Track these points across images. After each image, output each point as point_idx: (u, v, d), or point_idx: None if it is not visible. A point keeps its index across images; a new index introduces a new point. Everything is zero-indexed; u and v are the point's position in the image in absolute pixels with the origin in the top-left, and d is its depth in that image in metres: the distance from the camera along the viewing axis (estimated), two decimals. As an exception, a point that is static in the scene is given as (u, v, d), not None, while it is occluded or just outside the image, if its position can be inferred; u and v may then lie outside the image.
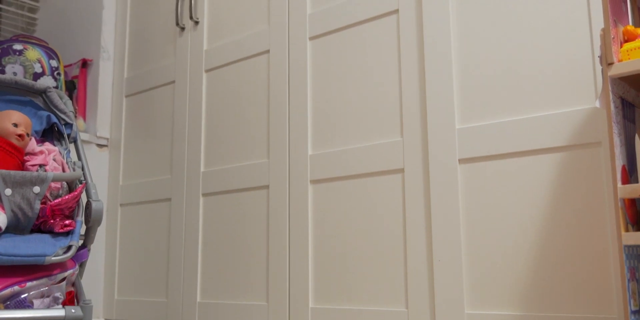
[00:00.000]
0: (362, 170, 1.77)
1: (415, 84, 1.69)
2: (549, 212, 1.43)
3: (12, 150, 1.59)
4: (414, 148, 1.67)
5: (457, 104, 1.62)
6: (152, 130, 2.42)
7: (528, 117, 1.49)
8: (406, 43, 1.73)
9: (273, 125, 1.99)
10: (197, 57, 2.29)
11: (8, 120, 1.64)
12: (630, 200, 1.14)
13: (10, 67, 2.30)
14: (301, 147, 1.91)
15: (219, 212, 2.12)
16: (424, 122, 1.66)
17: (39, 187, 1.49)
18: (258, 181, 2.01)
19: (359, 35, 1.84)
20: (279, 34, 2.03)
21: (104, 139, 2.56)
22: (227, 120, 2.15)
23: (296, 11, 2.00)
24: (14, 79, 1.78)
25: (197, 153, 2.22)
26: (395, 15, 1.77)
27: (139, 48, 2.55)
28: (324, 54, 1.92)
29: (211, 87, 2.23)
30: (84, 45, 2.65)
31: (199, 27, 2.30)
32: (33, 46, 2.39)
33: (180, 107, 2.31)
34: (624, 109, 1.19)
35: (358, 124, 1.81)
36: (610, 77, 1.14)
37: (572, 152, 1.42)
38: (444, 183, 1.59)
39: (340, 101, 1.86)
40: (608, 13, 1.14)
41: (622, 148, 1.15)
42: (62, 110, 1.79)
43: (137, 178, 2.45)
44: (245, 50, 2.13)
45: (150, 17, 2.52)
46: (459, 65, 1.63)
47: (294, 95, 1.96)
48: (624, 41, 1.19)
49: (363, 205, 1.75)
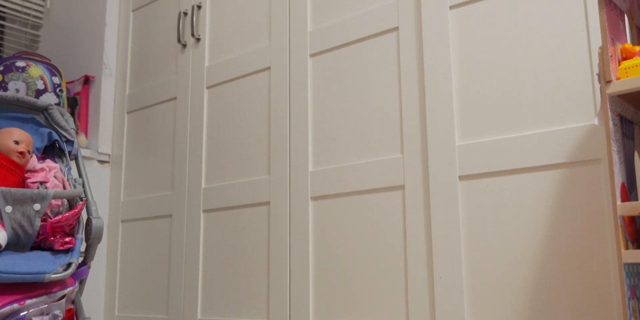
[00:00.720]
0: (362, 187, 1.77)
1: (415, 101, 1.70)
2: (549, 229, 1.43)
3: (13, 167, 1.59)
4: (414, 165, 1.67)
5: (457, 120, 1.62)
6: (153, 147, 2.42)
7: (528, 134, 1.49)
8: (406, 60, 1.74)
9: (274, 141, 2.00)
10: (198, 73, 2.30)
11: (9, 138, 1.64)
12: (630, 218, 1.13)
13: (13, 83, 2.32)
14: (302, 163, 1.91)
15: (219, 229, 2.12)
16: (424, 138, 1.67)
17: (39, 204, 1.49)
18: (259, 197, 2.01)
19: (360, 53, 1.85)
20: (280, 51, 2.04)
21: (106, 155, 2.56)
22: (228, 136, 2.16)
23: (297, 29, 2.01)
24: (16, 97, 1.79)
25: (198, 169, 2.22)
26: (395, 33, 1.78)
27: (141, 64, 2.56)
28: (324, 71, 1.93)
29: (212, 104, 2.24)
30: (86, 62, 2.67)
31: (200, 44, 2.32)
32: (36, 63, 2.41)
33: (181, 124, 2.32)
34: (622, 126, 1.19)
35: (358, 141, 1.81)
36: (609, 94, 1.14)
37: (572, 168, 1.42)
38: (444, 200, 1.59)
39: (340, 118, 1.86)
40: (606, 31, 1.15)
41: (621, 165, 1.15)
42: (63, 127, 1.80)
43: (138, 194, 2.45)
44: (247, 67, 2.14)
45: (152, 34, 2.54)
46: (458, 81, 1.63)
47: (295, 112, 1.96)
48: (622, 59, 1.19)
49: (364, 221, 1.75)
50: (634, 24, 1.31)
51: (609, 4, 1.19)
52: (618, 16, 1.22)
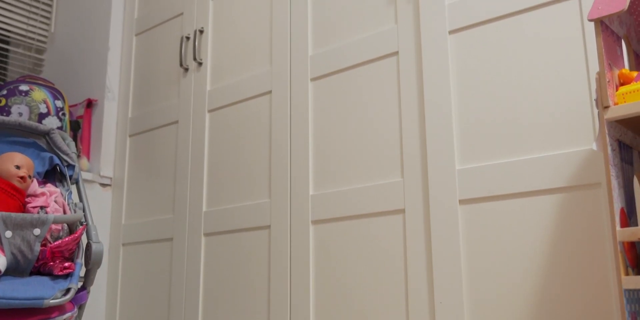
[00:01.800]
0: (363, 211, 1.77)
1: (416, 125, 1.70)
2: (549, 254, 1.42)
3: (14, 192, 1.60)
4: (414, 189, 1.67)
5: (457, 144, 1.62)
6: (155, 170, 2.43)
7: (528, 158, 1.49)
8: (406, 84, 1.75)
9: (275, 165, 2.00)
10: (200, 97, 2.31)
11: (11, 162, 1.65)
12: (629, 244, 1.13)
13: (16, 107, 2.34)
14: (302, 187, 1.91)
15: (220, 252, 2.11)
16: (424, 162, 1.67)
17: (39, 229, 1.49)
18: (259, 221, 2.01)
19: (360, 77, 1.86)
20: (281, 75, 2.05)
21: (108, 178, 2.57)
22: (229, 160, 2.16)
23: (298, 53, 2.02)
24: (18, 121, 1.80)
25: (199, 193, 2.22)
26: (395, 57, 1.80)
27: (143, 88, 2.58)
28: (325, 95, 1.94)
29: (214, 127, 2.25)
30: (89, 86, 2.69)
31: (202, 68, 2.33)
32: (39, 87, 2.43)
33: (183, 147, 2.32)
34: (621, 151, 1.19)
35: (359, 165, 1.81)
36: (607, 120, 1.14)
37: (572, 193, 1.42)
38: (445, 224, 1.59)
39: (341, 142, 1.87)
40: (603, 57, 1.16)
41: (620, 190, 1.15)
42: (64, 151, 1.81)
43: (139, 217, 2.45)
44: (248, 91, 2.15)
45: (154, 58, 2.56)
46: (458, 105, 1.64)
47: (296, 136, 1.97)
48: (620, 84, 1.20)
49: (364, 245, 1.75)
50: (631, 49, 1.31)
51: (606, 30, 1.20)
52: (615, 42, 1.23)
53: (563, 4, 1.52)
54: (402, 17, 1.79)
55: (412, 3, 1.78)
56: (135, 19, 2.69)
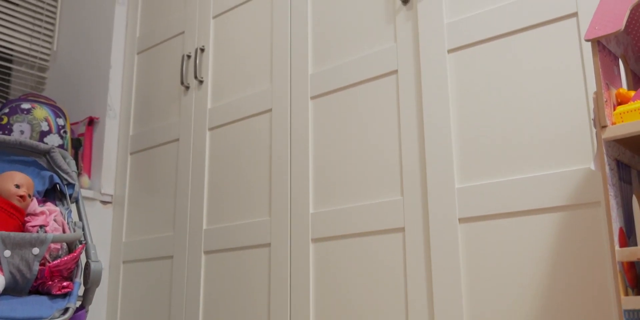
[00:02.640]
0: (363, 229, 1.76)
1: (415, 143, 1.71)
2: (549, 273, 1.42)
3: (13, 211, 1.60)
4: (414, 207, 1.67)
5: (456, 163, 1.62)
6: (155, 188, 2.43)
7: (527, 177, 1.49)
8: (405, 103, 1.75)
9: (275, 183, 2.00)
10: (201, 115, 2.32)
11: (11, 181, 1.66)
12: (629, 264, 1.13)
13: (18, 125, 2.35)
14: (302, 205, 1.91)
15: (220, 270, 2.11)
16: (424, 181, 1.67)
17: (38, 248, 1.50)
18: (259, 239, 2.01)
19: (360, 95, 1.87)
20: (281, 93, 2.06)
21: (108, 196, 2.57)
22: (230, 178, 2.17)
23: (298, 71, 2.03)
24: (19, 140, 1.81)
25: (199, 210, 2.22)
26: (395, 76, 1.80)
27: (144, 106, 2.59)
28: (325, 113, 1.94)
29: (214, 145, 2.25)
30: (91, 104, 2.70)
31: (203, 86, 2.34)
32: (41, 105, 2.44)
33: (183, 165, 2.33)
34: (619, 170, 1.19)
35: (359, 183, 1.81)
36: (604, 139, 1.15)
37: (571, 211, 1.42)
38: (445, 242, 1.59)
39: (341, 160, 1.87)
40: (600, 76, 1.16)
41: (618, 210, 1.14)
42: (64, 170, 1.81)
43: (140, 235, 2.45)
44: (248, 109, 2.16)
45: (156, 76, 2.57)
46: (457, 124, 1.64)
47: (296, 154, 1.97)
48: (617, 104, 1.20)
49: (364, 264, 1.74)
50: (628, 69, 1.32)
51: (603, 50, 1.20)
52: (612, 61, 1.23)
53: (561, 24, 1.53)
54: (402, 36, 1.80)
55: (411, 22, 1.79)
56: (137, 37, 2.71)
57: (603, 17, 1.19)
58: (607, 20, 1.18)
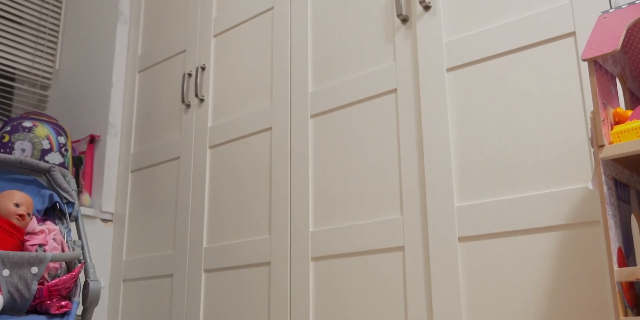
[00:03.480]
0: (363, 248, 1.76)
1: (414, 161, 1.71)
2: (548, 292, 1.41)
3: (13, 230, 1.60)
4: (413, 226, 1.67)
5: (456, 181, 1.62)
6: (156, 206, 2.43)
7: (527, 196, 1.49)
8: (405, 121, 1.76)
9: (275, 201, 2.00)
10: (201, 133, 2.33)
11: (10, 200, 1.66)
12: (628, 284, 1.12)
13: (19, 143, 2.36)
14: (302, 223, 1.91)
15: (220, 289, 2.10)
16: (423, 199, 1.67)
17: (36, 267, 1.49)
18: (259, 258, 2.00)
19: (359, 114, 1.88)
20: (281, 112, 2.07)
21: (109, 214, 2.57)
22: (230, 196, 2.17)
23: (298, 90, 2.04)
24: (19, 159, 1.81)
25: (199, 229, 2.22)
26: (394, 94, 1.81)
27: (145, 124, 2.60)
28: (324, 131, 1.95)
29: (215, 163, 2.26)
30: (92, 122, 2.71)
31: (204, 104, 2.35)
32: (42, 123, 2.45)
33: (184, 183, 2.33)
34: (617, 190, 1.19)
35: (359, 201, 1.81)
36: (602, 159, 1.15)
37: (570, 231, 1.41)
38: (444, 261, 1.58)
39: (341, 178, 1.87)
40: (597, 96, 1.16)
41: (617, 229, 1.14)
42: (64, 189, 1.82)
43: (140, 253, 2.44)
44: (248, 127, 2.16)
45: (157, 94, 2.58)
46: (456, 143, 1.65)
47: (296, 172, 1.97)
48: (615, 123, 1.20)
49: (364, 282, 1.74)
50: (626, 88, 1.32)
51: (600, 70, 1.21)
52: (609, 81, 1.24)
53: (559, 43, 1.53)
54: (401, 55, 1.81)
55: (410, 41, 1.80)
56: (138, 56, 2.72)
57: (599, 37, 1.20)
58: (603, 40, 1.19)
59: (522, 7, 1.61)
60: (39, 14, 2.95)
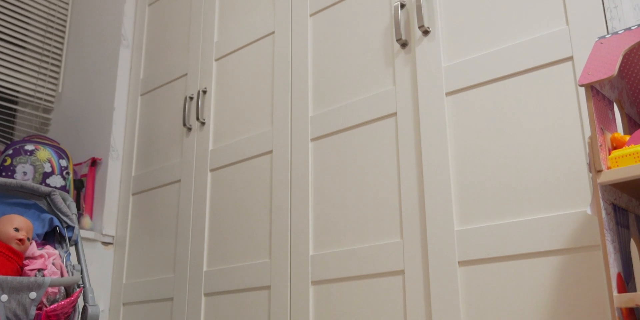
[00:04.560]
0: (363, 272, 1.75)
1: (414, 185, 1.71)
2: (549, 316, 1.40)
3: (12, 255, 1.60)
4: (413, 250, 1.66)
5: (455, 205, 1.62)
6: (157, 229, 2.43)
7: (526, 220, 1.49)
8: (404, 145, 1.76)
9: (275, 225, 2.00)
10: (202, 156, 2.33)
11: (10, 225, 1.66)
12: (628, 310, 1.11)
13: (21, 167, 2.36)
14: (302, 247, 1.91)
15: (220, 313, 2.09)
16: (423, 223, 1.67)
17: (35, 292, 1.49)
18: (259, 281, 1.99)
19: (359, 137, 1.88)
20: (282, 135, 2.07)
21: (110, 237, 2.57)
22: (230, 219, 2.17)
23: (298, 114, 2.05)
24: (20, 183, 1.82)
25: (200, 252, 2.22)
26: (394, 118, 1.82)
27: (147, 147, 2.60)
28: (325, 155, 1.95)
29: (215, 186, 2.26)
30: (94, 144, 2.72)
31: (205, 127, 2.36)
32: (44, 146, 2.46)
33: (185, 206, 2.33)
34: (616, 215, 1.19)
35: (359, 225, 1.81)
36: (600, 184, 1.15)
37: (570, 255, 1.41)
38: (444, 285, 1.57)
39: (341, 202, 1.87)
40: (594, 121, 1.17)
41: (616, 255, 1.14)
42: (64, 213, 1.82)
43: (140, 277, 2.44)
44: (249, 150, 2.17)
45: (159, 117, 2.60)
46: (456, 166, 1.65)
47: (296, 196, 1.97)
48: (613, 148, 1.20)
49: (364, 306, 1.73)
50: (624, 113, 1.33)
51: (597, 95, 1.21)
52: (607, 106, 1.24)
53: (557, 67, 1.54)
54: (400, 79, 1.82)
55: (409, 65, 1.81)
56: (140, 79, 2.74)
57: (596, 62, 1.21)
58: (600, 66, 1.19)
59: (520, 32, 1.63)
60: (42, 38, 2.98)
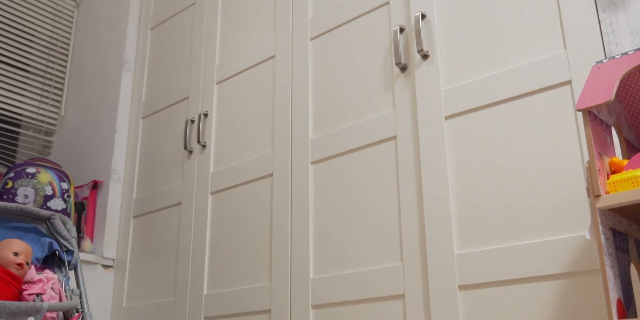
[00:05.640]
0: (363, 296, 1.74)
1: (414, 209, 1.71)
2: (551, 343, 1.39)
3: (10, 279, 1.60)
4: (414, 273, 1.66)
5: (455, 229, 1.62)
6: (157, 252, 2.43)
7: (527, 243, 1.48)
8: (404, 169, 1.76)
9: (275, 248, 2.00)
10: (203, 179, 2.34)
11: (9, 249, 1.67)
12: (628, 335, 1.11)
13: (22, 189, 2.37)
14: (303, 270, 1.90)
15: (220, 337, 2.08)
16: (423, 246, 1.66)
17: (33, 317, 1.48)
18: (260, 305, 1.98)
19: (359, 160, 1.88)
20: (282, 158, 2.08)
21: (110, 260, 2.56)
22: (231, 242, 2.16)
23: (299, 137, 2.06)
24: (20, 207, 1.82)
25: (200, 275, 2.21)
26: (394, 142, 1.82)
27: (148, 170, 2.61)
28: (325, 178, 1.95)
29: (216, 209, 2.26)
30: (95, 167, 2.72)
31: (206, 150, 2.37)
32: (46, 169, 2.47)
33: (185, 229, 2.33)
34: (615, 239, 1.18)
35: (359, 248, 1.80)
36: (599, 209, 1.14)
37: (571, 279, 1.40)
38: (445, 309, 1.56)
39: (341, 225, 1.87)
40: (592, 146, 1.17)
41: (616, 280, 1.13)
42: (64, 237, 1.82)
43: (140, 300, 2.42)
44: (250, 173, 2.17)
45: (160, 140, 2.60)
46: (456, 190, 1.65)
47: (296, 219, 1.97)
48: (611, 172, 1.20)
49: (364, 332, 1.72)
50: (622, 137, 1.33)
51: (595, 119, 1.21)
52: (604, 130, 1.24)
53: (556, 91, 1.55)
54: (400, 102, 1.83)
55: (409, 89, 1.82)
56: (142, 102, 2.76)
57: (594, 87, 1.21)
58: (597, 91, 1.20)
59: (518, 56, 1.64)
60: (45, 61, 3.00)
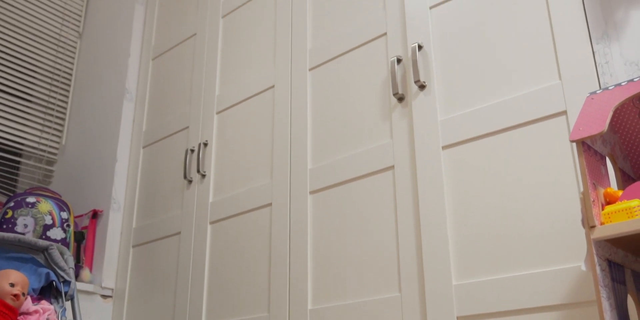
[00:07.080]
0: (361, 327, 1.73)
1: (412, 239, 1.70)
2: (550, 376, 1.38)
3: (6, 310, 1.59)
4: (412, 304, 1.65)
5: (453, 259, 1.62)
6: (156, 281, 2.42)
7: (524, 274, 1.48)
8: (402, 198, 1.76)
9: (274, 278, 1.99)
10: (202, 209, 2.34)
11: (6, 280, 1.66)
12: (626, 368, 1.10)
13: (22, 219, 2.37)
14: (301, 301, 1.89)
15: (218, 369, 2.06)
16: (421, 277, 1.65)
17: (28, 349, 1.48)
18: (258, 336, 1.97)
19: (357, 190, 1.89)
20: (281, 188, 2.08)
21: (109, 290, 2.55)
22: (229, 272, 2.15)
23: (297, 167, 2.06)
24: (17, 237, 1.83)
25: (199, 306, 2.20)
26: (391, 171, 1.83)
27: (148, 199, 2.61)
28: (323, 207, 1.95)
29: (215, 239, 2.26)
30: (96, 196, 2.73)
31: (205, 180, 2.38)
32: (45, 199, 2.47)
33: (184, 259, 2.32)
34: (611, 270, 1.18)
35: (357, 279, 1.80)
36: (594, 240, 1.14)
37: (569, 310, 1.39)
38: (444, 342, 1.55)
39: (339, 255, 1.86)
40: (586, 177, 1.17)
41: (612, 312, 1.13)
42: (61, 267, 1.82)
43: (139, 331, 2.41)
44: (249, 203, 2.17)
45: (160, 169, 2.61)
46: (453, 220, 1.65)
47: (295, 249, 1.97)
48: (606, 203, 1.20)
49: (363, 364, 1.70)
50: (617, 167, 1.33)
51: (589, 150, 1.22)
52: (599, 161, 1.25)
53: (551, 121, 1.56)
54: (397, 132, 1.84)
55: (406, 119, 1.83)
56: (143, 131, 2.77)
57: (587, 118, 1.22)
58: (591, 121, 1.20)
59: (514, 87, 1.65)
60: (48, 91, 3.03)
